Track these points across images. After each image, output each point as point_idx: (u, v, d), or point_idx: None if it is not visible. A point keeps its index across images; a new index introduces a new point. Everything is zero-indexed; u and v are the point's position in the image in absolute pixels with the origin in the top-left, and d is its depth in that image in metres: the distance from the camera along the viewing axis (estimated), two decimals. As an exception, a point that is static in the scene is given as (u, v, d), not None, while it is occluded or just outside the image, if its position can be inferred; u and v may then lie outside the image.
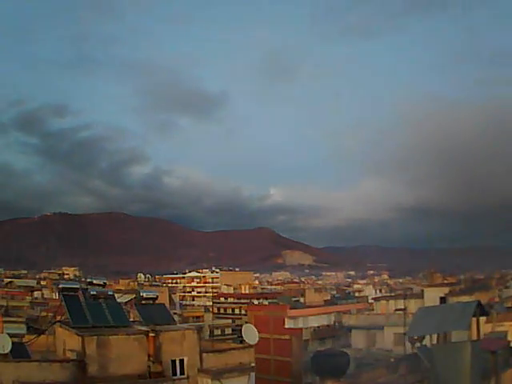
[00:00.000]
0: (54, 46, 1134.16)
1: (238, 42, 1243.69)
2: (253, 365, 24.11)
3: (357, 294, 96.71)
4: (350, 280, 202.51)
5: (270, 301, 74.79)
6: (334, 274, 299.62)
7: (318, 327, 53.03)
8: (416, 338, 20.40)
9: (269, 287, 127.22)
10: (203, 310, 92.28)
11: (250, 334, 25.33)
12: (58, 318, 25.51)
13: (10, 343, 20.03)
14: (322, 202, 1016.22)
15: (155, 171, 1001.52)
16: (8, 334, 21.92)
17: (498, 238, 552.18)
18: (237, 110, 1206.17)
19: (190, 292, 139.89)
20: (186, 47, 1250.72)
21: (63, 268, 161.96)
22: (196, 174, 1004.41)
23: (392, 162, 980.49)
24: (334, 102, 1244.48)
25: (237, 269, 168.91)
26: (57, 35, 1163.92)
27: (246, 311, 68.84)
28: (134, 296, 28.94)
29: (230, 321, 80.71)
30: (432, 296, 42.77)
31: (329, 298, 78.59)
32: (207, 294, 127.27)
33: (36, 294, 75.71)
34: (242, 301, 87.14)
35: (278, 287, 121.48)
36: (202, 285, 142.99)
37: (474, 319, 21.02)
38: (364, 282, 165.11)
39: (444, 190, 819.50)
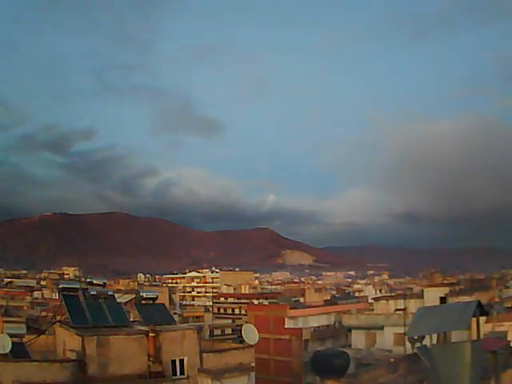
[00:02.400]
0: (80, 77, 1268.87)
1: (238, 65, 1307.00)
2: (253, 365, 24.12)
3: (357, 294, 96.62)
4: (350, 280, 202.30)
5: (270, 301, 74.80)
6: (333, 274, 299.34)
7: (318, 327, 53.00)
8: (416, 337, 20.32)
9: (269, 287, 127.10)
10: (203, 309, 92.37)
11: (250, 333, 25.34)
12: (58, 317, 25.53)
13: (10, 343, 20.06)
14: (317, 208, 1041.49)
15: (164, 182, 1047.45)
16: (8, 334, 21.96)
17: (497, 238, 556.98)
18: (238, 128, 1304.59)
19: (189, 292, 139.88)
20: (196, 74, 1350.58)
21: (63, 268, 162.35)
22: (200, 183, 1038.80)
23: (380, 172, 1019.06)
24: (325, 115, 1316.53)
25: (237, 269, 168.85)
26: (83, 67, 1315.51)
27: (245, 311, 68.77)
28: (134, 296, 28.88)
29: (230, 321, 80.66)
30: (432, 296, 42.59)
31: (329, 297, 78.51)
32: (207, 294, 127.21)
33: (36, 294, 75.81)
34: (242, 301, 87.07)
35: (278, 287, 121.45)
36: (201, 285, 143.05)
37: (474, 319, 20.96)
38: (364, 281, 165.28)
39: (430, 197, 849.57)
